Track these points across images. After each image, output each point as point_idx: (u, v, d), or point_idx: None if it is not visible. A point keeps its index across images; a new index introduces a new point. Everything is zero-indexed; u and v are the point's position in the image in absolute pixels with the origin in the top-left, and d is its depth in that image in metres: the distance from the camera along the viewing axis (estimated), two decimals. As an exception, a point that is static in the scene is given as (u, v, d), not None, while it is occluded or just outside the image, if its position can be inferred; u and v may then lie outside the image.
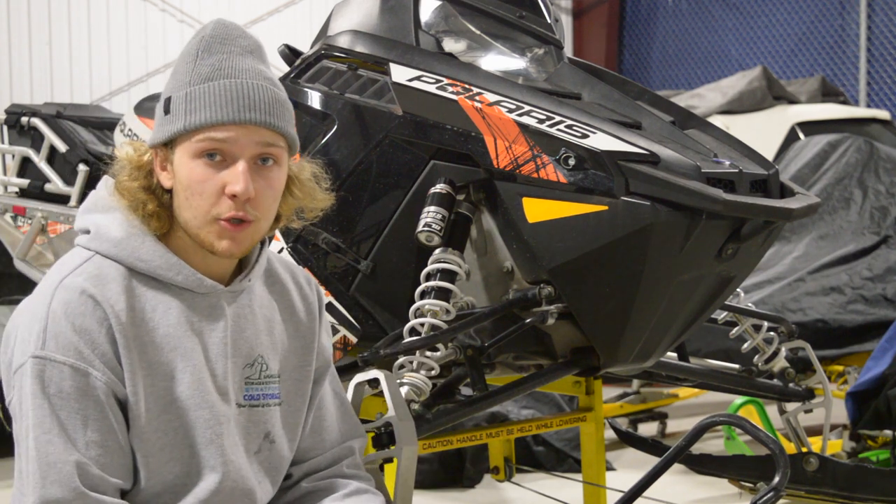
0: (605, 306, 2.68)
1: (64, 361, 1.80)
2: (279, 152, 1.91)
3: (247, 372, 1.98)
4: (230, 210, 1.86)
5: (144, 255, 1.89)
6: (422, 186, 2.76)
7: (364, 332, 2.88)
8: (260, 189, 1.88)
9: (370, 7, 2.98)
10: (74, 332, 1.81)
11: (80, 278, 1.85)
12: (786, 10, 12.09)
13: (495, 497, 4.91)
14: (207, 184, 1.86)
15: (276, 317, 2.05)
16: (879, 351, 4.10)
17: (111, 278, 1.86)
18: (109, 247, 1.89)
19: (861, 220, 5.81)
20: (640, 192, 2.54)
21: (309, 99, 2.93)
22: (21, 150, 4.45)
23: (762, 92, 8.85)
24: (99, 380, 1.81)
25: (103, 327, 1.82)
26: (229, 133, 1.85)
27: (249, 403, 1.98)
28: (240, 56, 1.90)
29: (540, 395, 5.23)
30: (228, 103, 1.85)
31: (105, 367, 1.82)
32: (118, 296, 1.85)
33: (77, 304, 1.82)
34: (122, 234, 1.90)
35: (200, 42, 1.91)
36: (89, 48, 10.00)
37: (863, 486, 3.38)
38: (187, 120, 1.85)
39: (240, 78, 1.88)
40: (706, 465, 3.56)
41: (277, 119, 1.89)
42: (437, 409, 2.65)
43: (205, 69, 1.88)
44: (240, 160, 1.86)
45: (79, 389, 1.80)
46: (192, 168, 1.86)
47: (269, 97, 1.89)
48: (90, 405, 1.81)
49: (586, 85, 2.95)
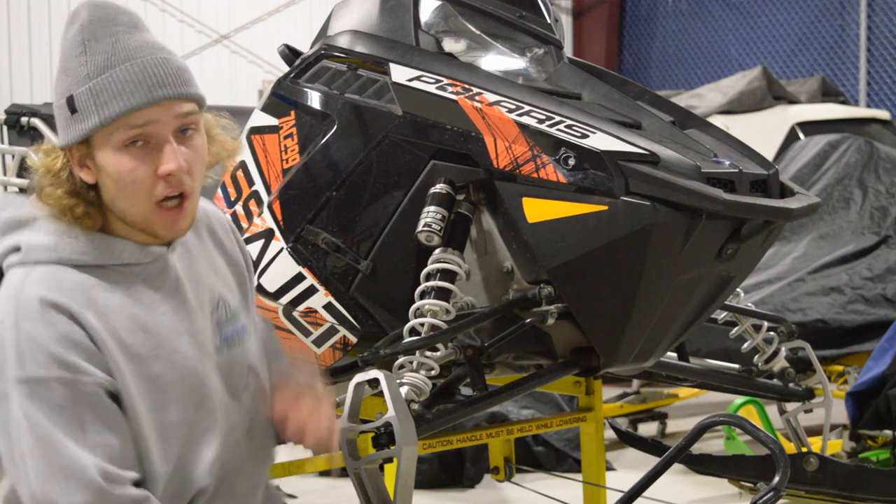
0: (605, 306, 2.68)
1: (48, 377, 1.77)
2: (197, 118, 1.89)
3: (216, 316, 1.99)
4: (167, 189, 1.85)
5: (84, 248, 1.87)
6: (422, 186, 2.76)
7: (364, 332, 2.87)
8: (190, 160, 1.87)
9: (370, 7, 2.98)
10: (52, 343, 1.78)
11: (32, 290, 1.81)
12: (786, 10, 12.09)
13: (495, 497, 4.92)
14: (139, 171, 1.84)
15: (212, 254, 2.06)
16: (879, 351, 4.10)
17: (62, 280, 1.84)
18: (46, 254, 1.86)
19: (861, 220, 5.81)
20: (640, 192, 2.54)
21: (309, 99, 2.93)
22: (21, 150, 4.45)
23: (762, 92, 8.84)
24: (86, 383, 1.80)
25: (75, 327, 1.80)
26: (147, 116, 1.82)
27: (227, 345, 1.99)
28: (127, 35, 1.86)
29: (540, 395, 5.23)
30: (137, 87, 1.82)
31: (90, 366, 1.80)
32: (75, 294, 1.83)
33: (41, 315, 1.79)
34: (53, 238, 1.87)
35: (82, 30, 1.87)
36: (89, 48, 9.99)
37: (863, 486, 3.38)
38: (100, 114, 1.82)
39: (137, 58, 1.84)
40: (706, 465, 3.56)
41: (186, 86, 1.87)
42: (437, 409, 2.65)
43: (99, 58, 1.84)
44: (165, 139, 1.84)
45: (70, 398, 1.78)
46: (118, 159, 1.83)
47: (172, 68, 1.86)
48: (84, 411, 1.79)
49: (586, 85, 2.95)
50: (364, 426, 2.34)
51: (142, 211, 1.86)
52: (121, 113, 1.81)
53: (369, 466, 2.31)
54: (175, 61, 1.88)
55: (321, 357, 2.92)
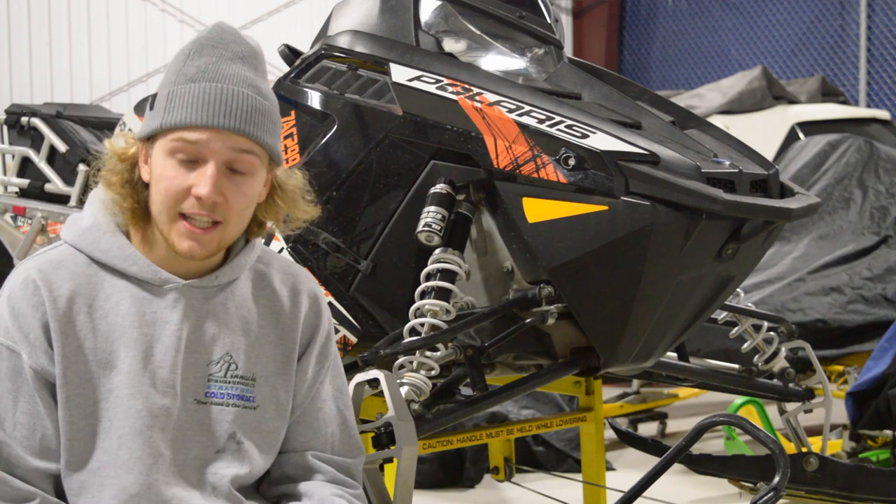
0: (605, 306, 2.68)
1: (2, 342, 1.87)
2: (253, 160, 1.90)
3: (211, 369, 1.97)
4: (195, 207, 1.87)
5: (103, 246, 1.93)
6: (422, 186, 2.76)
7: (364, 332, 2.88)
8: (230, 195, 1.89)
9: (370, 7, 2.98)
10: (11, 316, 1.87)
11: (33, 262, 1.92)
12: (786, 10, 12.09)
13: (495, 497, 4.91)
14: (175, 181, 1.88)
15: (256, 320, 2.03)
16: (879, 351, 4.10)
17: (64, 265, 1.91)
18: (74, 236, 1.95)
19: (861, 220, 5.81)
20: (640, 192, 2.54)
21: (309, 99, 2.93)
22: (21, 150, 4.45)
23: (762, 92, 8.84)
24: (26, 363, 1.86)
25: (38, 312, 1.87)
26: (202, 136, 1.86)
27: (212, 401, 1.97)
28: (229, 61, 1.91)
29: (540, 395, 5.23)
30: (204, 107, 1.86)
31: (34, 351, 1.86)
32: (63, 282, 1.89)
33: (19, 288, 1.88)
34: (89, 224, 1.95)
35: (194, 43, 1.93)
36: (89, 48, 10.00)
37: (863, 486, 3.38)
38: (165, 118, 1.88)
39: (223, 83, 1.88)
40: (706, 465, 3.55)
41: (254, 128, 1.88)
42: (437, 409, 2.65)
43: (191, 70, 1.89)
44: (209, 163, 1.87)
45: (13, 370, 1.86)
46: (164, 165, 1.88)
47: (249, 105, 1.88)
48: (22, 386, 1.86)
49: (586, 85, 2.95)
50: (364, 426, 2.34)
51: (166, 217, 1.90)
52: (179, 124, 1.86)
53: (369, 466, 2.31)
54: (258, 102, 1.90)
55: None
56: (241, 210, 1.92)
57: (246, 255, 2.02)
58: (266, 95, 1.93)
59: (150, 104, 1.91)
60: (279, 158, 1.98)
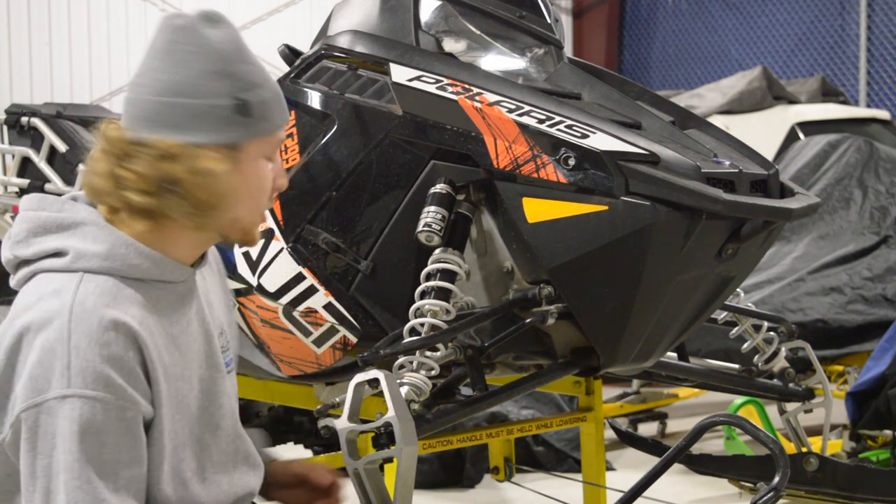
0: (605, 306, 2.68)
1: (93, 396, 1.70)
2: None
3: (220, 341, 2.02)
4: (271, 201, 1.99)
5: (135, 261, 1.82)
6: (422, 186, 2.76)
7: (364, 332, 2.87)
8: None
9: (370, 7, 2.98)
10: (103, 362, 1.71)
11: (91, 302, 1.75)
12: (786, 10, 12.10)
13: (495, 497, 4.92)
14: (267, 181, 1.94)
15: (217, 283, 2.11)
16: (879, 351, 4.10)
17: (117, 295, 1.78)
18: (97, 262, 1.80)
19: (861, 220, 5.82)
20: (640, 192, 2.54)
21: (309, 99, 2.93)
22: (21, 150, 4.45)
23: (762, 92, 8.85)
24: (129, 409, 1.74)
25: (130, 352, 1.75)
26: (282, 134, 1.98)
27: (227, 370, 2.03)
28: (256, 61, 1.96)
29: (540, 395, 5.24)
30: (281, 106, 1.95)
31: (136, 394, 1.75)
32: (133, 312, 1.78)
33: (98, 332, 1.72)
34: (105, 247, 1.81)
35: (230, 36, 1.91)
36: (89, 48, 10.00)
37: (863, 486, 3.38)
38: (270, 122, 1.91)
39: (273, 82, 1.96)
40: (706, 465, 3.55)
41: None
42: (437, 409, 2.65)
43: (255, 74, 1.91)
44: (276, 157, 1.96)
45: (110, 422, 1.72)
46: (264, 167, 1.92)
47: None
48: (123, 438, 1.74)
49: (586, 85, 2.95)
50: (364, 426, 2.34)
51: (257, 219, 1.95)
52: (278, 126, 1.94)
53: (369, 466, 2.31)
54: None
55: (321, 357, 2.92)
56: None
57: None
58: None
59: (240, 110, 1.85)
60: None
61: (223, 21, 1.92)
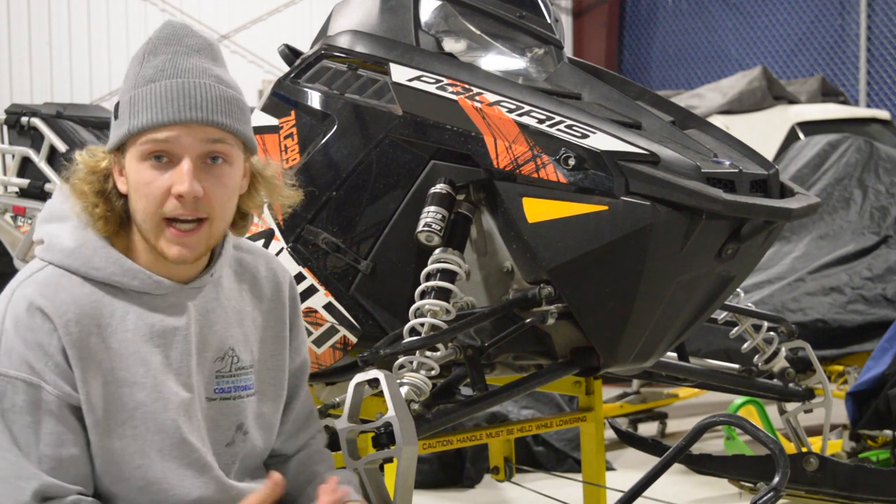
0: (605, 306, 2.68)
1: (16, 376, 1.80)
2: (228, 149, 1.89)
3: (217, 366, 1.98)
4: (178, 209, 1.85)
5: (98, 264, 1.88)
6: (422, 186, 2.76)
7: (364, 332, 2.87)
8: (210, 187, 1.87)
9: (370, 7, 2.98)
10: (25, 347, 1.81)
11: (30, 290, 1.85)
12: (786, 10, 12.10)
13: (495, 497, 4.92)
14: (153, 185, 1.85)
15: (247, 307, 2.05)
16: (879, 351, 4.10)
17: (62, 288, 1.85)
18: (62, 257, 1.88)
19: (861, 220, 5.81)
20: (640, 192, 2.54)
21: (309, 99, 2.93)
22: (21, 150, 4.45)
23: (762, 92, 8.85)
24: (51, 393, 1.81)
25: (53, 339, 1.82)
26: (171, 133, 1.83)
27: (220, 397, 1.98)
28: (185, 56, 1.88)
29: (540, 395, 5.23)
30: (169, 103, 1.83)
31: (57, 379, 1.82)
32: (67, 305, 1.84)
33: (26, 317, 1.82)
34: (74, 244, 1.88)
35: (148, 44, 1.90)
36: (89, 48, 10.01)
37: (863, 486, 3.38)
38: (131, 123, 1.85)
39: (182, 77, 1.86)
40: (706, 465, 3.55)
41: (223, 116, 1.87)
42: (437, 409, 2.65)
43: (149, 71, 1.87)
44: (184, 159, 1.84)
45: (31, 403, 1.81)
46: (139, 170, 1.86)
47: (214, 94, 1.86)
48: (43, 419, 1.81)
49: (586, 85, 2.95)
50: (364, 426, 2.34)
51: (151, 226, 1.87)
52: (147, 125, 1.83)
53: (369, 466, 2.31)
54: (223, 91, 1.88)
55: (321, 357, 2.92)
56: (223, 202, 1.90)
57: (227, 245, 2.02)
58: (229, 84, 1.91)
59: (115, 113, 1.87)
60: (253, 145, 1.96)
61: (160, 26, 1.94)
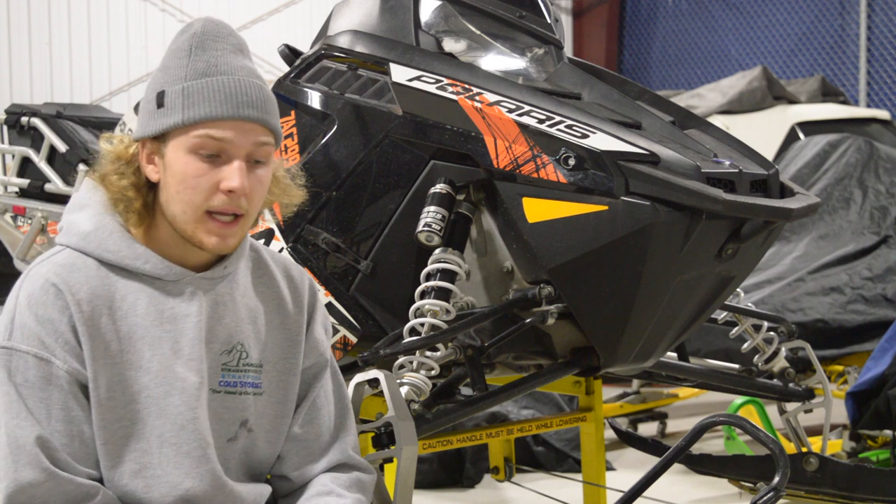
0: (605, 306, 2.68)
1: (28, 351, 1.84)
2: (270, 150, 1.95)
3: (224, 358, 1.98)
4: (224, 204, 1.89)
5: (111, 247, 1.92)
6: (422, 186, 2.76)
7: (364, 332, 2.87)
8: (252, 186, 1.91)
9: (370, 7, 2.98)
10: (37, 323, 1.85)
11: (45, 268, 1.90)
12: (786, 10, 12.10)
13: (495, 497, 4.91)
14: (202, 178, 1.88)
15: (261, 308, 2.06)
16: (879, 351, 4.10)
17: (77, 268, 1.90)
18: (78, 240, 1.93)
19: (861, 220, 5.81)
20: (640, 192, 2.54)
21: (309, 99, 2.93)
22: (21, 150, 4.45)
23: (762, 92, 8.85)
24: (61, 368, 1.85)
25: (65, 315, 1.86)
26: (226, 132, 1.87)
27: (225, 390, 1.99)
28: (232, 54, 1.93)
29: (540, 395, 5.23)
30: (227, 99, 1.88)
31: (67, 356, 1.85)
32: (81, 285, 1.88)
33: (40, 294, 1.86)
34: (91, 228, 1.93)
35: (192, 38, 1.93)
36: (89, 48, 10.00)
37: (863, 486, 3.38)
38: (185, 114, 1.87)
39: (235, 75, 1.90)
40: (706, 465, 3.55)
41: (270, 116, 1.93)
42: (437, 409, 2.65)
43: (200, 65, 1.90)
44: (235, 158, 1.89)
45: (42, 378, 1.84)
46: (187, 162, 1.88)
47: (263, 95, 1.92)
48: (54, 394, 1.85)
49: (586, 85, 2.95)
50: (364, 426, 2.34)
51: (192, 217, 1.90)
52: (206, 117, 1.87)
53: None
54: (267, 91, 1.94)
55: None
56: (259, 199, 1.96)
57: (244, 242, 2.05)
58: (267, 85, 1.97)
59: (158, 102, 1.89)
60: (281, 143, 2.04)
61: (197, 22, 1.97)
